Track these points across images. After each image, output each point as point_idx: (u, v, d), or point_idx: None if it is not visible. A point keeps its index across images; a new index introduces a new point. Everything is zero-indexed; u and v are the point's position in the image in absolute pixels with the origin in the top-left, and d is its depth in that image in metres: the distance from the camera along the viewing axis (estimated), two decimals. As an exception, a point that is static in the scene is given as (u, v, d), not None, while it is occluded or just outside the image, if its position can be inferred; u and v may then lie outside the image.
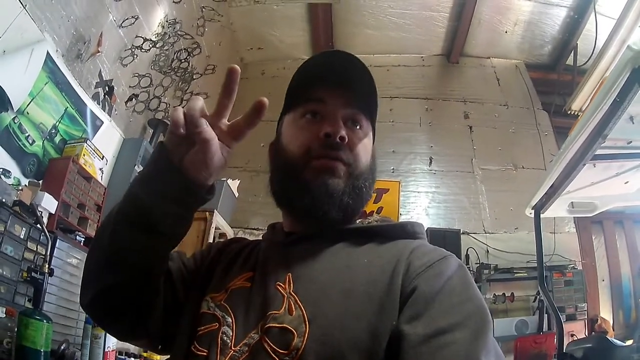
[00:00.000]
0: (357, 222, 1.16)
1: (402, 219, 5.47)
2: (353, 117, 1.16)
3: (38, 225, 2.95)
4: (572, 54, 6.21)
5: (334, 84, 1.15)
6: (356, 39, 6.59)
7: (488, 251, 5.25)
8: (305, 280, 1.00)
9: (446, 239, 5.08)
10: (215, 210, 4.65)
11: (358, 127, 1.16)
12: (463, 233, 5.30)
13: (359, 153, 1.13)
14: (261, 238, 1.28)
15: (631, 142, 2.82)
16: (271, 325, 0.93)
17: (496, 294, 4.89)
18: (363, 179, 1.13)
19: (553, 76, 6.49)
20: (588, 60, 5.72)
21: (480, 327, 0.86)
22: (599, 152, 2.84)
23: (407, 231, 1.11)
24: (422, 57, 6.77)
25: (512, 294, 4.88)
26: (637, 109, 2.45)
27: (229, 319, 1.00)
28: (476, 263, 5.10)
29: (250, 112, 1.03)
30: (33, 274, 2.44)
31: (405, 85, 6.58)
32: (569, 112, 5.41)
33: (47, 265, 2.53)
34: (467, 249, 5.16)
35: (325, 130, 1.10)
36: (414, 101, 6.50)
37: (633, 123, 2.60)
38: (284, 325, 0.91)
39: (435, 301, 0.88)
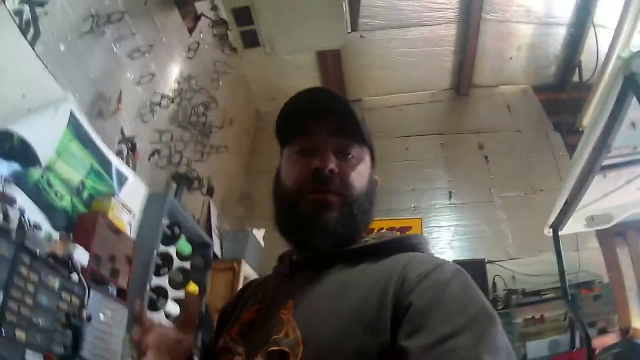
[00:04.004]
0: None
1: (427, 254, 5.52)
2: (343, 146, 1.24)
3: (72, 276, 3.08)
4: (577, 70, 6.25)
5: (320, 117, 1.25)
6: (366, 81, 6.73)
7: (514, 277, 5.22)
8: (304, 305, 1.08)
9: (472, 269, 5.08)
10: (242, 260, 4.75)
11: (350, 156, 1.24)
12: (488, 262, 5.29)
13: (352, 181, 1.21)
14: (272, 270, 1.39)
15: (637, 147, 2.87)
16: (273, 348, 1.01)
17: (526, 318, 4.85)
18: (357, 206, 1.20)
19: (561, 95, 6.53)
20: (593, 75, 5.74)
21: (484, 329, 0.88)
22: (607, 162, 2.88)
23: (404, 245, 1.18)
24: (432, 92, 6.88)
25: (542, 315, 4.84)
26: (636, 114, 2.49)
27: (240, 349, 1.11)
28: (503, 290, 5.09)
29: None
30: (72, 319, 2.54)
31: (418, 123, 6.69)
32: (580, 129, 5.41)
33: (84, 312, 2.62)
34: (494, 277, 5.16)
35: (314, 166, 1.18)
36: (428, 137, 6.60)
37: (635, 128, 2.64)
38: (282, 347, 0.99)
39: (434, 311, 0.91)
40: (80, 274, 2.92)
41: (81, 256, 3.25)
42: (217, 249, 5.13)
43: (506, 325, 4.64)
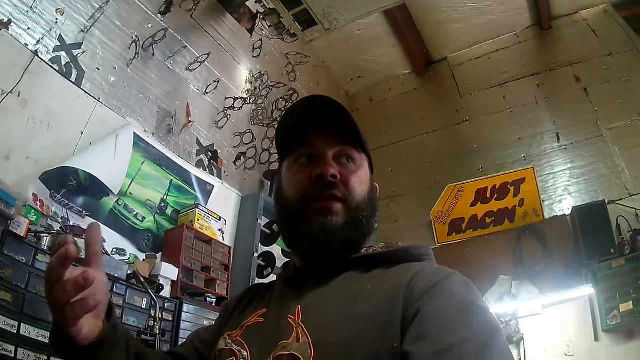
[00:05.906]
0: (362, 251, 1.19)
1: (546, 205, 5.30)
2: (343, 153, 1.21)
3: (161, 294, 3.18)
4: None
5: (318, 126, 1.22)
6: (446, 37, 6.41)
7: (638, 215, 4.76)
8: (313, 310, 1.06)
9: (593, 214, 4.79)
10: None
11: (350, 161, 1.22)
12: (608, 203, 4.88)
13: (354, 186, 1.19)
14: (276, 277, 1.36)
15: None
16: (281, 353, 0.99)
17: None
18: (361, 211, 1.18)
19: (642, 6, 5.72)
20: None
21: (489, 339, 0.88)
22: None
23: (411, 254, 1.15)
24: (515, 34, 6.37)
25: (675, 253, 4.35)
26: None
27: (245, 352, 1.09)
28: (628, 231, 4.62)
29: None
30: (143, 336, 2.60)
31: (510, 68, 6.26)
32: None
33: (157, 327, 2.67)
34: (617, 219, 4.71)
35: (316, 172, 1.16)
36: (523, 81, 6.15)
37: None
38: (292, 352, 0.97)
39: (441, 319, 0.90)
40: (148, 289, 2.93)
41: (169, 272, 3.36)
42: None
43: (636, 271, 4.20)
